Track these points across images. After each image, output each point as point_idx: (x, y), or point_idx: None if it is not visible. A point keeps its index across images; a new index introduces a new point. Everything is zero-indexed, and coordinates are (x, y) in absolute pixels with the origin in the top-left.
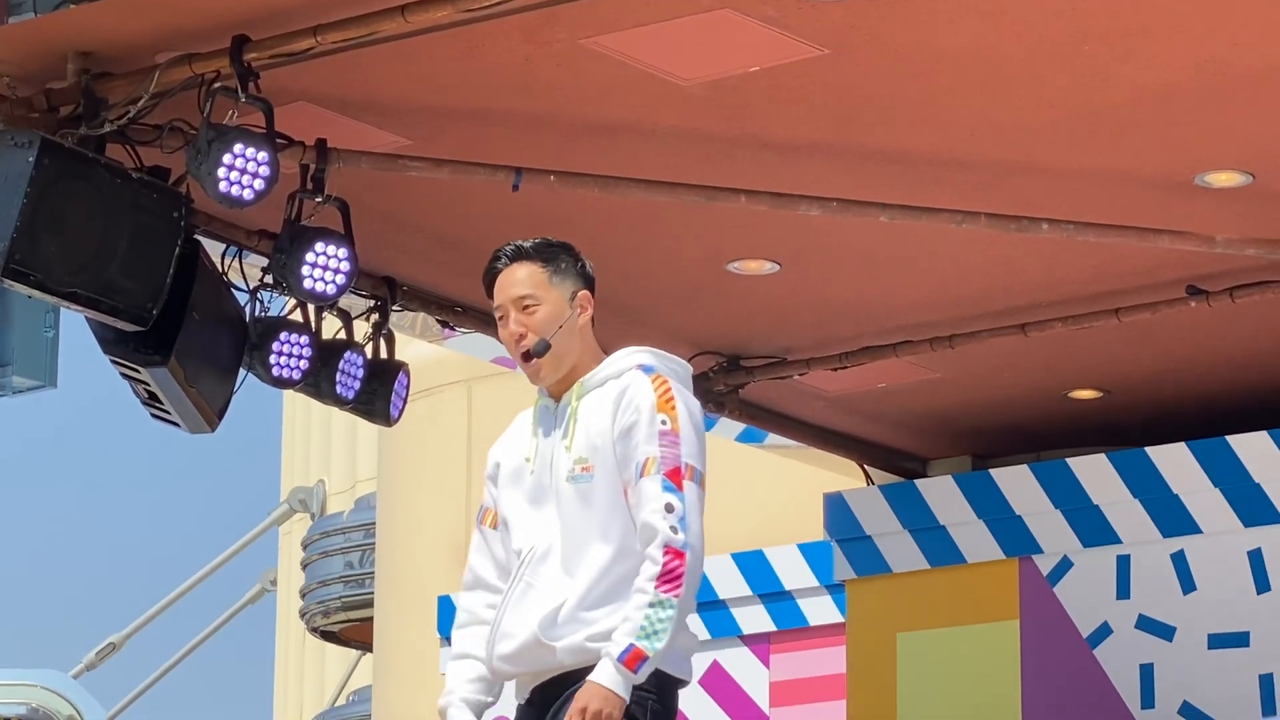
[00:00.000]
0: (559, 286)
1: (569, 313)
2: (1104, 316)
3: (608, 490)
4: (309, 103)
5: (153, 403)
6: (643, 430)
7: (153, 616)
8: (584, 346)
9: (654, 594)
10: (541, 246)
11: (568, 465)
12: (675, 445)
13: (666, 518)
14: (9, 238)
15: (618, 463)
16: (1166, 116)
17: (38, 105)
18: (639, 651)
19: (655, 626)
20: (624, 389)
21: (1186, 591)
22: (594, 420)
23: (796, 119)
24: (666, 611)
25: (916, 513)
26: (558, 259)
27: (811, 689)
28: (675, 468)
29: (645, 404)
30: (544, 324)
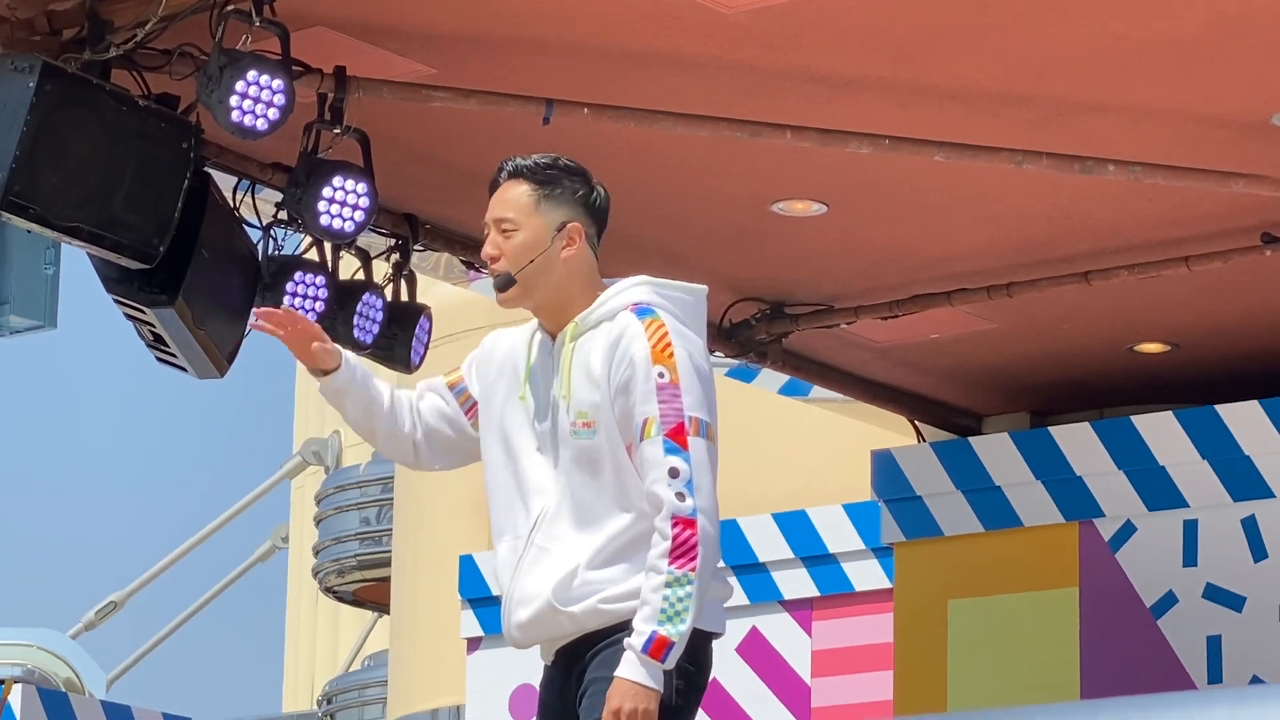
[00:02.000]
0: (545, 214)
1: (548, 244)
2: (1173, 265)
3: (613, 447)
4: (327, 28)
5: (158, 345)
6: (639, 387)
7: (157, 574)
8: (570, 280)
9: (669, 572)
10: (542, 167)
11: (569, 419)
12: (676, 398)
13: (671, 484)
14: (7, 168)
15: (618, 420)
16: (1243, 50)
17: (39, 28)
18: (663, 639)
19: (676, 608)
20: (617, 338)
21: (1258, 559)
22: (591, 367)
23: (846, 50)
24: (685, 589)
25: (970, 472)
26: (556, 183)
27: (856, 658)
28: (678, 424)
29: (639, 356)
30: (517, 252)
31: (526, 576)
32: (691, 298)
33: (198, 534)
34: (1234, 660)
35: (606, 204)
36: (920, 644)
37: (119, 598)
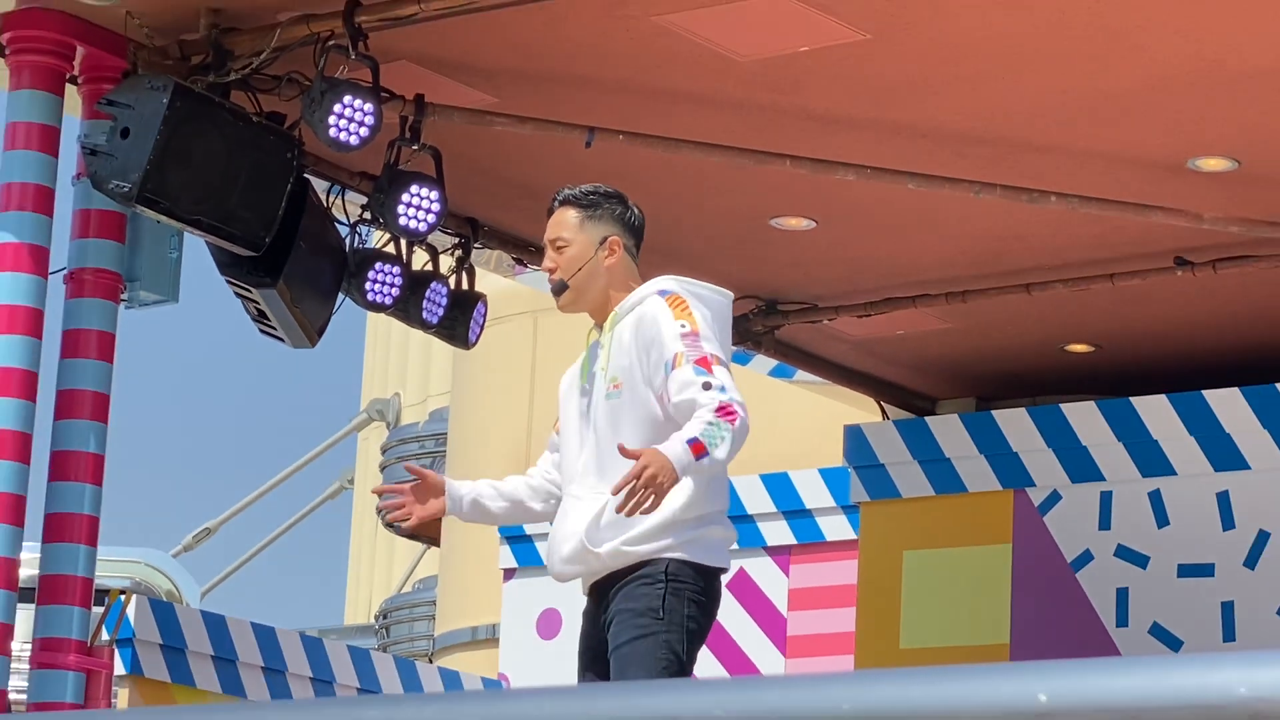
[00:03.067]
0: (590, 231)
1: (594, 255)
2: (1099, 280)
3: (635, 405)
4: (410, 62)
5: (261, 320)
6: (665, 336)
7: (244, 506)
8: (612, 284)
9: (711, 416)
10: (586, 194)
11: (604, 387)
12: (698, 342)
13: (707, 392)
14: (143, 169)
15: (647, 376)
16: (1164, 105)
17: (172, 54)
18: (702, 445)
19: (715, 437)
20: (643, 313)
21: (1160, 526)
22: (623, 344)
23: (838, 94)
24: (723, 431)
25: (925, 446)
26: (597, 206)
27: (826, 596)
28: (702, 357)
29: (662, 315)
30: (569, 263)
31: (565, 521)
32: (721, 297)
33: (279, 474)
34: (1138, 609)
35: (642, 221)
36: (879, 586)
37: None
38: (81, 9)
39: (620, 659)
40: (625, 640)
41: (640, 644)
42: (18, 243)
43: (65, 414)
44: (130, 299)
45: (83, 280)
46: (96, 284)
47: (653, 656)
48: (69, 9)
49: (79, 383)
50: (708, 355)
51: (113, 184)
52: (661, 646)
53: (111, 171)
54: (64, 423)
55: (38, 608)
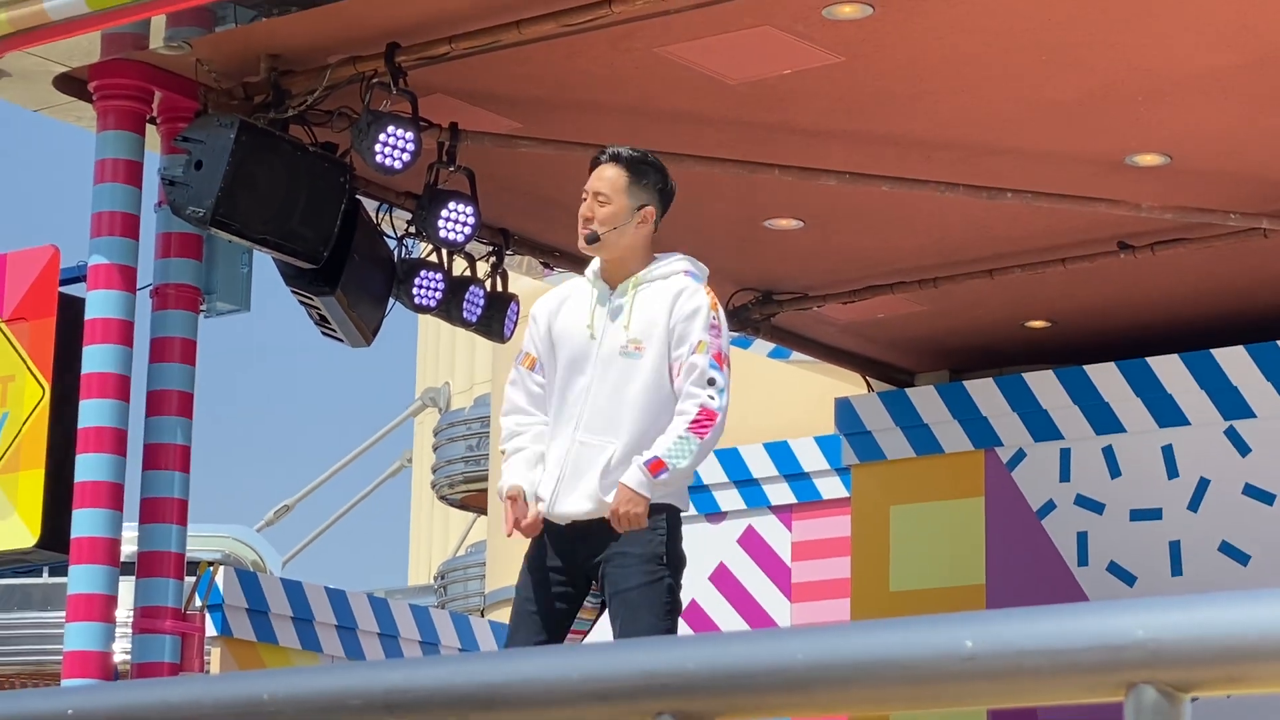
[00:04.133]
0: (632, 195)
1: (628, 220)
2: (1053, 264)
3: (653, 367)
4: (445, 94)
5: (323, 323)
6: (701, 319)
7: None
8: (635, 246)
9: (683, 430)
10: (637, 159)
11: (622, 341)
12: (719, 337)
13: (708, 389)
14: (215, 196)
15: (670, 343)
16: (1103, 110)
17: (237, 95)
18: (660, 462)
19: (679, 451)
20: (680, 289)
21: (1114, 477)
22: (650, 308)
23: (819, 110)
24: (690, 445)
25: (906, 413)
26: (644, 174)
27: (824, 548)
28: (718, 353)
29: (704, 302)
30: (606, 219)
31: (574, 465)
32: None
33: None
34: (1096, 550)
35: (674, 194)
36: (870, 538)
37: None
38: (157, 58)
39: (629, 602)
40: (636, 584)
41: (650, 589)
42: (109, 264)
43: (155, 411)
44: (208, 309)
45: (166, 294)
46: (178, 297)
47: (660, 601)
48: (147, 59)
49: (166, 384)
50: (724, 354)
51: (189, 210)
52: (666, 591)
53: (188, 199)
54: (154, 419)
55: (137, 580)
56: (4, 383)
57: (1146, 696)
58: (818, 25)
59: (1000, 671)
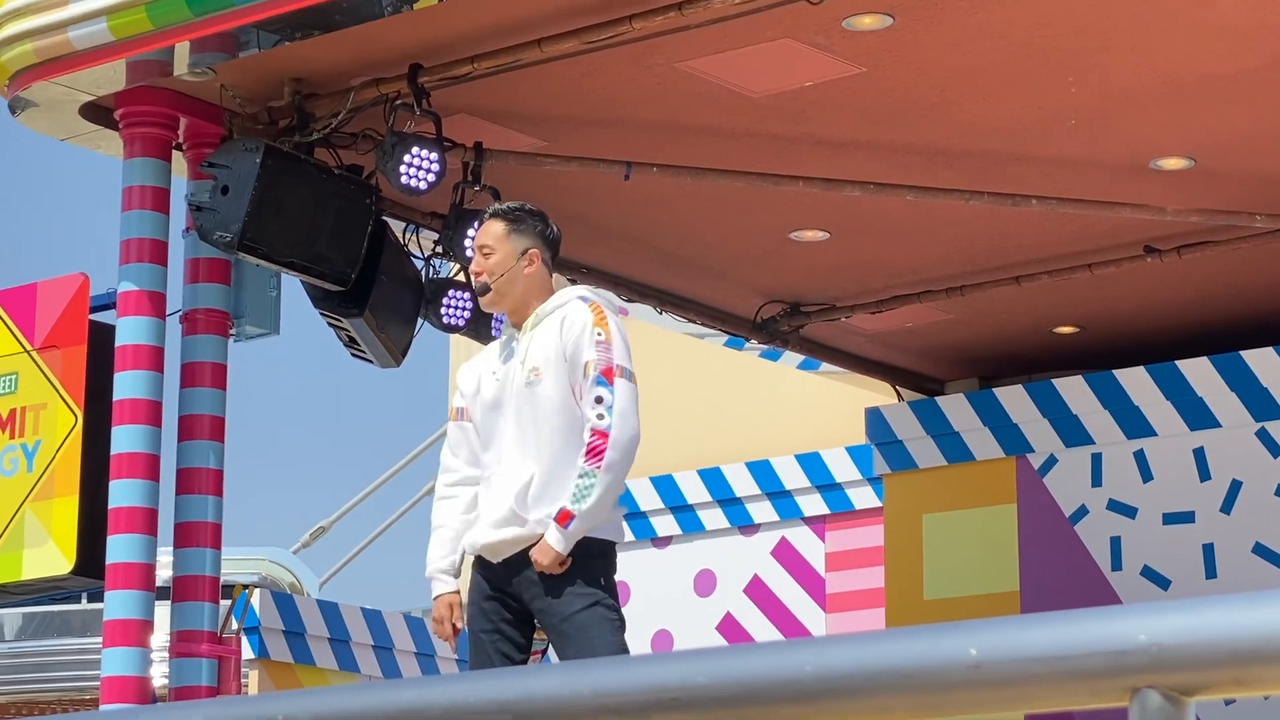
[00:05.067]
0: (514, 242)
1: (514, 263)
2: (1080, 270)
3: (555, 389)
4: (468, 114)
5: (352, 345)
6: (585, 339)
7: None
8: (530, 289)
9: (581, 467)
10: (512, 210)
11: (524, 374)
12: (608, 350)
13: (596, 408)
14: (242, 220)
15: (568, 366)
16: (1127, 114)
17: (262, 120)
18: (566, 513)
19: (582, 492)
20: (567, 313)
21: (1145, 481)
22: (544, 338)
23: (841, 122)
24: (589, 480)
25: (936, 422)
26: (521, 221)
27: (858, 558)
28: (608, 368)
29: (586, 320)
30: (493, 267)
31: (491, 492)
32: (612, 299)
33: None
34: (1130, 554)
35: (559, 238)
36: (903, 547)
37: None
38: (182, 85)
39: (578, 625)
40: (580, 608)
41: (595, 610)
42: (139, 290)
43: (187, 436)
44: (238, 333)
45: (196, 319)
46: (208, 322)
47: (607, 619)
48: (171, 86)
49: (197, 408)
50: (613, 365)
51: (217, 235)
52: (608, 609)
53: (215, 224)
54: (186, 443)
55: (173, 604)
56: (36, 411)
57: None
58: (838, 37)
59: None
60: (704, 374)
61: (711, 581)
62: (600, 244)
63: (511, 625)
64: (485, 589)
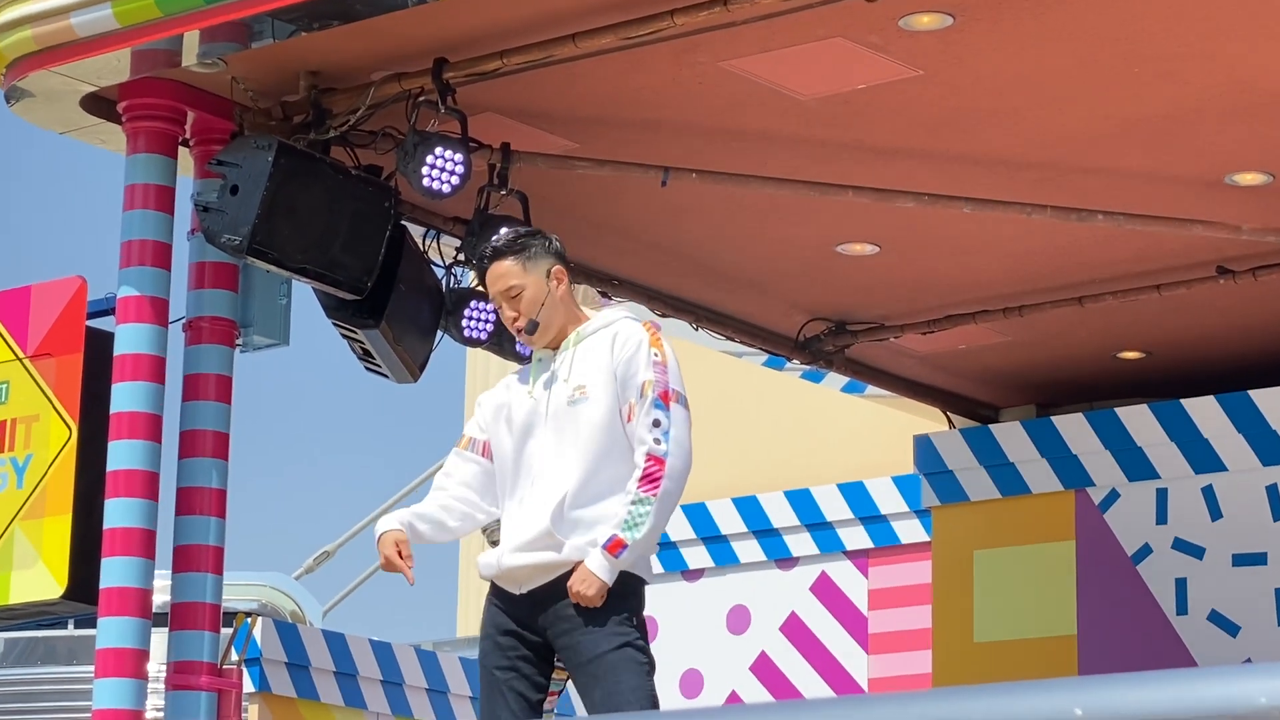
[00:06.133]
0: (535, 270)
1: (547, 289)
2: (1147, 291)
3: (602, 409)
4: (496, 113)
5: (367, 358)
6: (642, 359)
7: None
8: (567, 309)
9: (635, 493)
10: (512, 241)
11: (567, 392)
12: (665, 373)
13: (653, 431)
14: (252, 223)
15: (619, 385)
16: (1201, 126)
17: (275, 115)
18: (619, 541)
19: (635, 520)
20: (619, 330)
21: (1214, 519)
22: (591, 356)
23: (895, 128)
24: (644, 507)
25: (990, 451)
26: (528, 248)
27: (903, 596)
28: (665, 391)
29: (642, 340)
30: (529, 305)
31: (523, 510)
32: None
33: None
34: (1196, 598)
35: (564, 249)
36: (952, 584)
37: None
38: (191, 77)
39: (607, 665)
40: (610, 648)
41: (625, 651)
42: (140, 295)
43: (189, 452)
44: (245, 344)
45: (200, 328)
46: (213, 331)
47: (637, 661)
48: (179, 77)
49: (200, 423)
50: (669, 390)
51: (225, 238)
52: (641, 651)
53: (223, 226)
54: (188, 461)
55: (170, 633)
56: (28, 423)
57: None
58: (894, 36)
59: None
60: (741, 395)
61: (745, 618)
62: (633, 254)
63: (529, 663)
64: (503, 622)
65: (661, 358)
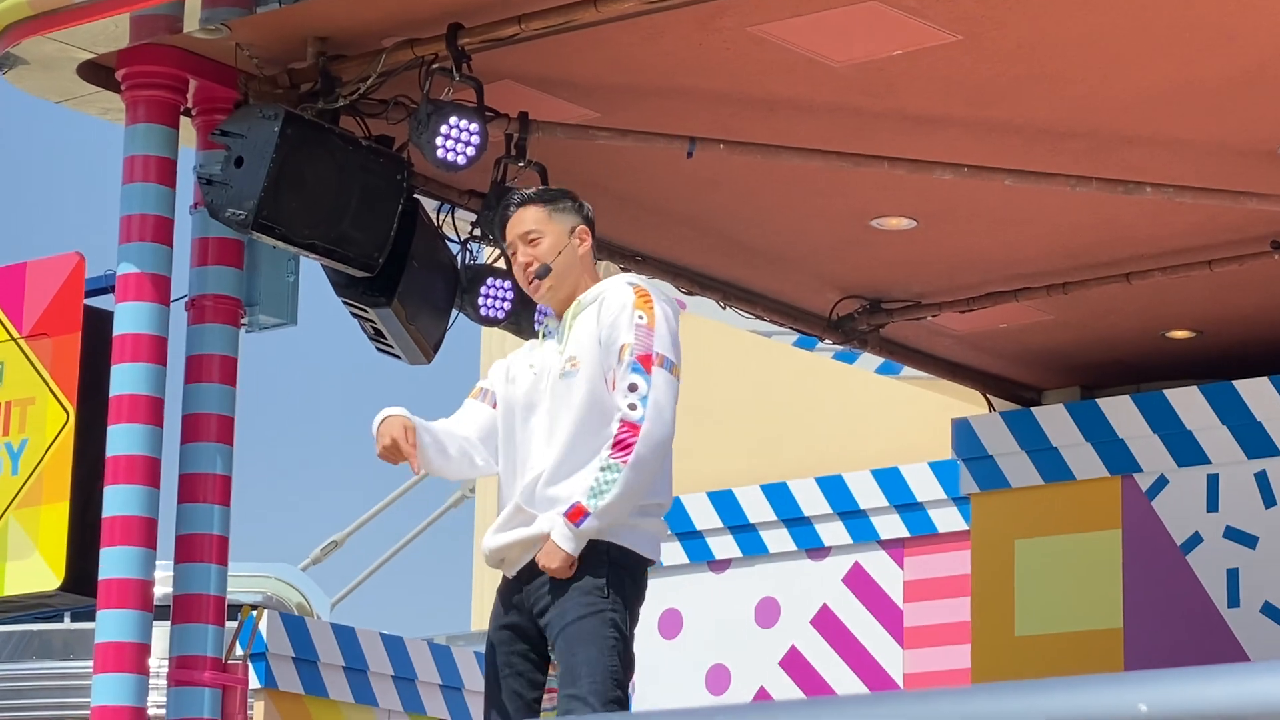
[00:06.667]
0: (559, 222)
1: (568, 243)
2: (1198, 267)
3: (590, 381)
4: (513, 81)
5: (378, 338)
6: (623, 322)
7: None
8: (583, 272)
9: (604, 459)
10: (543, 191)
11: (560, 364)
12: (649, 336)
13: (628, 396)
14: (257, 196)
15: (602, 353)
16: (1254, 93)
17: (281, 83)
18: (580, 508)
19: (600, 487)
20: (605, 295)
21: (1268, 506)
22: (583, 326)
23: (932, 95)
24: (612, 474)
25: (1032, 436)
26: (557, 200)
27: (940, 588)
28: (646, 354)
29: (627, 301)
30: (546, 252)
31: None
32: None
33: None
34: (1249, 589)
35: (594, 217)
36: (992, 576)
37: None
38: (193, 43)
39: (569, 637)
40: (574, 618)
41: (589, 621)
42: (140, 273)
43: (191, 437)
44: (250, 323)
45: (204, 307)
46: (217, 310)
47: (602, 635)
48: (181, 44)
49: (203, 407)
50: (652, 354)
51: (229, 212)
52: (608, 624)
53: (227, 200)
54: (190, 445)
55: (173, 626)
56: (23, 406)
57: None
58: (931, 0)
59: None
60: (771, 377)
61: (775, 611)
62: (658, 229)
63: (525, 659)
64: (502, 616)
65: (648, 320)
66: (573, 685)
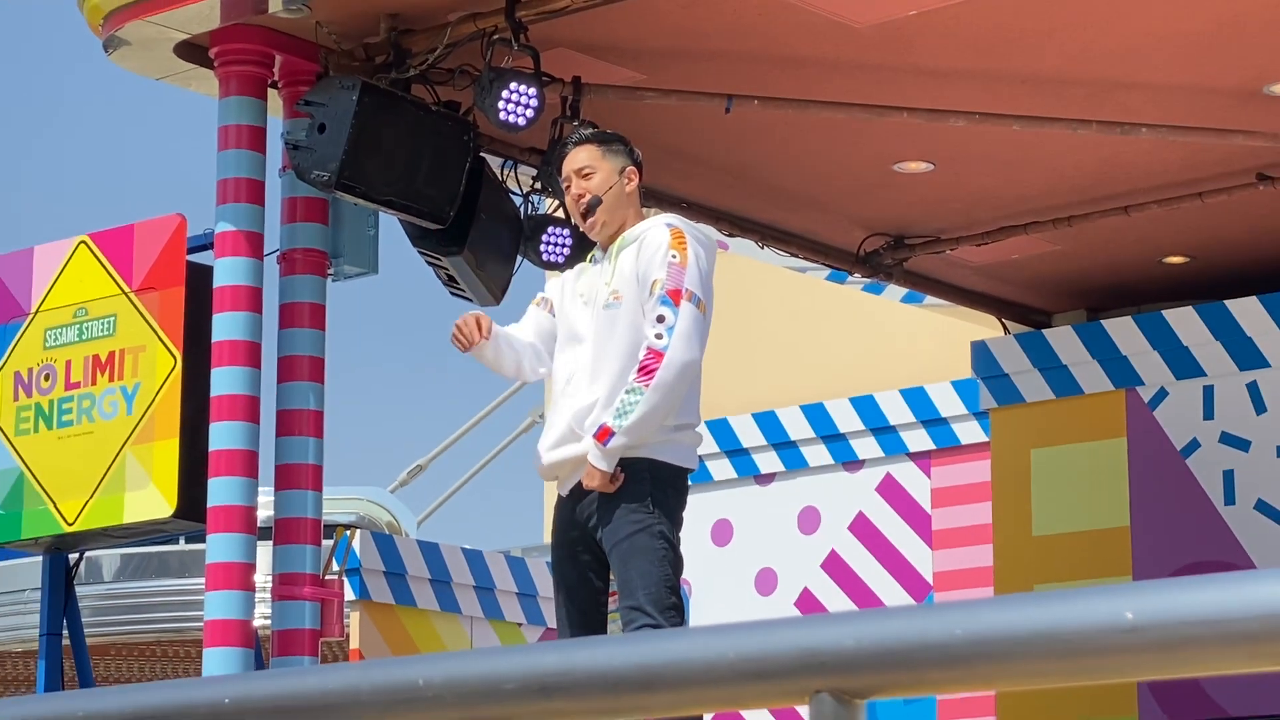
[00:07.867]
0: (611, 161)
1: (617, 180)
2: (1190, 199)
3: (631, 314)
4: (567, 48)
5: (451, 284)
6: (658, 260)
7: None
8: (631, 210)
9: (630, 383)
10: (598, 133)
11: (605, 296)
12: (680, 273)
13: (655, 327)
14: (339, 159)
15: (640, 290)
16: (1239, 39)
17: (358, 56)
18: (606, 429)
19: (625, 408)
20: (645, 236)
21: (1259, 413)
22: (625, 262)
23: (946, 51)
24: (635, 396)
25: (1044, 355)
26: (610, 142)
27: (964, 494)
28: (676, 289)
29: (663, 241)
30: (597, 187)
31: (556, 414)
32: (706, 235)
33: (479, 413)
34: (1244, 488)
35: (643, 162)
36: (1011, 482)
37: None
38: (277, 22)
39: (621, 553)
40: (625, 535)
41: (639, 537)
42: (236, 230)
43: (286, 377)
44: (336, 273)
45: (294, 259)
46: (306, 262)
47: (651, 547)
48: (266, 23)
49: (296, 349)
50: (681, 289)
51: (314, 174)
52: (657, 536)
53: (312, 163)
54: (286, 385)
55: (275, 547)
56: (135, 353)
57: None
58: None
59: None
60: (807, 308)
61: (816, 519)
62: (700, 178)
63: (587, 567)
64: (560, 529)
65: (681, 259)
66: (631, 597)
